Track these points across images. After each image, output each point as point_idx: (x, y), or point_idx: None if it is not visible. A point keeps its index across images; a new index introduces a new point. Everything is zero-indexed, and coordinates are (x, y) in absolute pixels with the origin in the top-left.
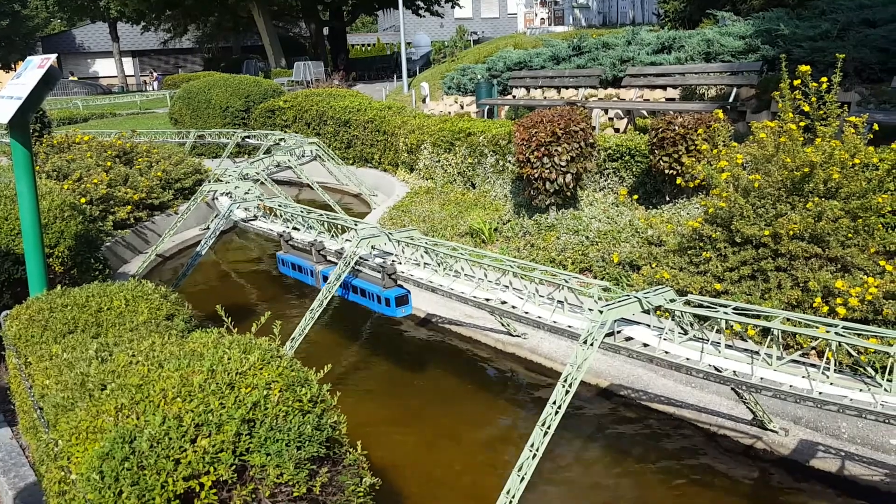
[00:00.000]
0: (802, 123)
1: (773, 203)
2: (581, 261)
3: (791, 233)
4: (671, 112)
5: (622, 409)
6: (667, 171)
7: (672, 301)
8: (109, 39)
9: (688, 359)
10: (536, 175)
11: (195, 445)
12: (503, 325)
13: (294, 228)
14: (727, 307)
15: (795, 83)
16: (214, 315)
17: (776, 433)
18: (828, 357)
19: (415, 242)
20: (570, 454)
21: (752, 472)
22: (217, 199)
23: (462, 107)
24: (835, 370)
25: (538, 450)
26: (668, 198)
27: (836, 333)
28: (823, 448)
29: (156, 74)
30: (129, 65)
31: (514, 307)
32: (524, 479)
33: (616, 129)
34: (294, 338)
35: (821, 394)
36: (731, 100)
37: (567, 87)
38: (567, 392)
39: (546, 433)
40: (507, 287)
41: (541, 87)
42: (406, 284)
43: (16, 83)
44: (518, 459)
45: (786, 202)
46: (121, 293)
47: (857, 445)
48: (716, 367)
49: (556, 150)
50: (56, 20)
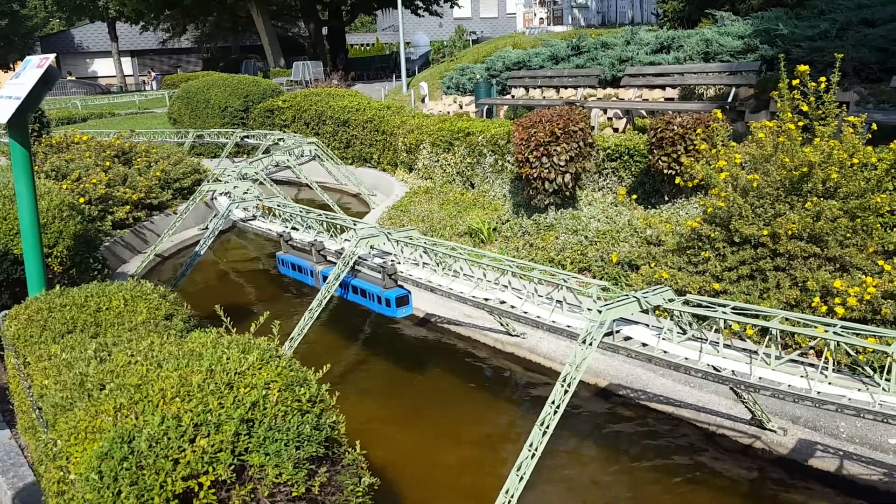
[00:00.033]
0: (801, 123)
1: (772, 203)
2: (580, 260)
3: (790, 232)
4: (670, 112)
5: (621, 409)
6: (665, 171)
7: (671, 301)
8: (108, 39)
9: (686, 358)
10: (535, 175)
11: (194, 445)
12: (502, 325)
13: (293, 228)
14: (726, 307)
15: (794, 83)
16: (213, 315)
17: (775, 432)
18: (826, 357)
19: (414, 242)
20: (569, 453)
21: (751, 472)
22: (216, 199)
23: (461, 106)
24: (833, 370)
25: (537, 449)
26: (667, 197)
27: (835, 333)
28: (822, 447)
29: (154, 74)
30: (128, 64)
31: (513, 307)
32: (523, 479)
33: (615, 129)
34: (293, 338)
35: (819, 393)
36: (730, 100)
37: (566, 87)
38: (566, 392)
39: (545, 433)
40: (506, 287)
41: (540, 87)
42: (405, 284)
43: (14, 83)
44: (517, 459)
45: (784, 202)
46: (119, 293)
47: (856, 445)
48: (714, 367)
49: (555, 150)
50: (55, 20)
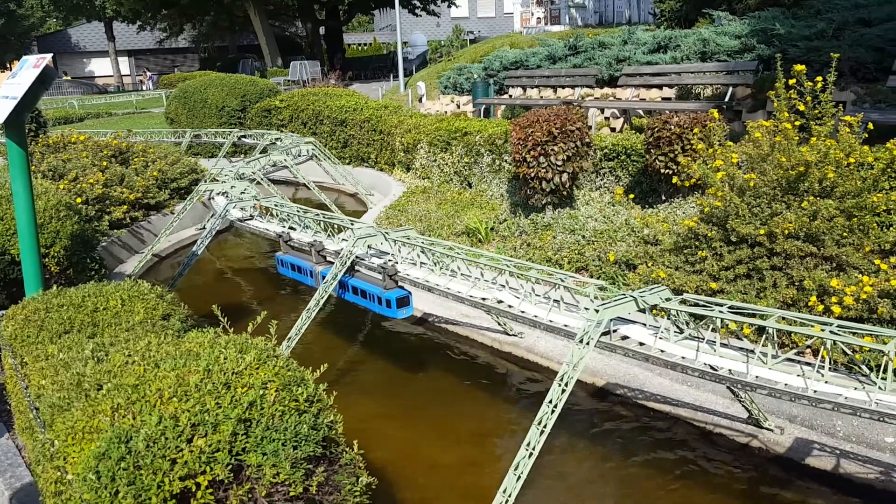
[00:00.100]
0: (798, 123)
1: (769, 202)
2: (577, 260)
3: (786, 232)
4: (667, 111)
5: (618, 408)
6: (663, 171)
7: (668, 300)
8: (105, 39)
9: (683, 357)
10: (533, 174)
11: (191, 445)
12: (500, 325)
13: (290, 228)
14: (723, 306)
15: (791, 82)
16: (211, 315)
17: (772, 431)
18: (823, 355)
19: (411, 242)
20: (567, 453)
21: (748, 470)
22: (213, 199)
23: (458, 106)
24: (830, 368)
25: (535, 448)
26: (664, 197)
27: (831, 332)
28: (819, 446)
29: (149, 74)
30: (125, 64)
31: (511, 306)
32: (521, 478)
33: (612, 129)
34: (290, 337)
35: (816, 392)
36: (727, 99)
37: (563, 87)
38: (563, 391)
39: (542, 432)
40: (504, 286)
41: (537, 87)
42: (403, 284)
43: (11, 83)
44: (515, 458)
45: (781, 201)
46: (117, 293)
47: (853, 443)
48: (711, 366)
49: (553, 150)
50: (52, 19)
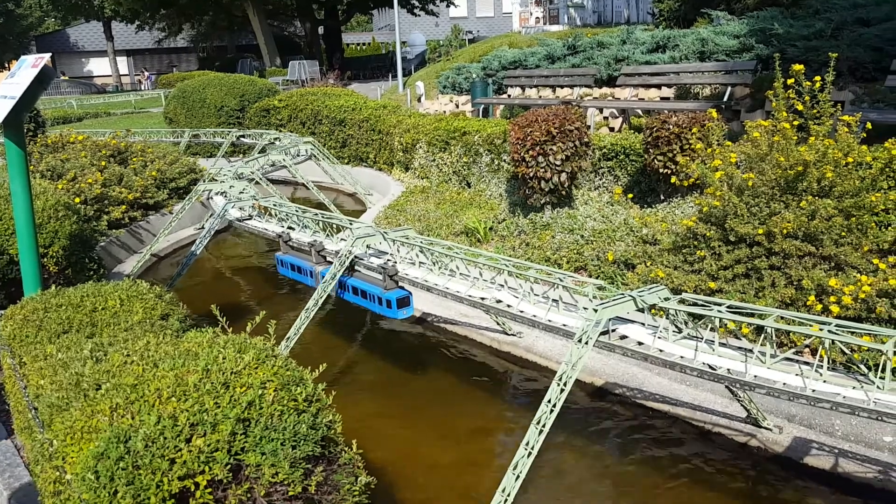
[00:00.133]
0: (796, 122)
1: (767, 202)
2: (576, 259)
3: (785, 231)
4: (666, 111)
5: (617, 408)
6: (661, 170)
7: (666, 299)
8: (104, 38)
9: (682, 357)
10: (531, 174)
11: (190, 445)
12: (498, 324)
13: (289, 228)
14: (721, 305)
15: (789, 82)
16: (209, 314)
17: (770, 431)
18: (821, 355)
19: (410, 241)
20: (566, 452)
21: (747, 470)
22: (212, 199)
23: (457, 106)
24: (828, 368)
25: (533, 448)
26: (663, 197)
27: (830, 331)
28: (817, 445)
29: (147, 73)
30: (124, 64)
31: (510, 306)
32: (519, 478)
33: (611, 129)
34: (289, 337)
35: (814, 391)
36: (726, 99)
37: (562, 87)
38: (562, 390)
39: (541, 431)
40: (503, 286)
41: (536, 87)
42: (401, 283)
43: (10, 82)
44: (514, 458)
45: (779, 201)
46: (115, 293)
47: (851, 443)
48: (710, 365)
49: (551, 150)
50: (50, 19)
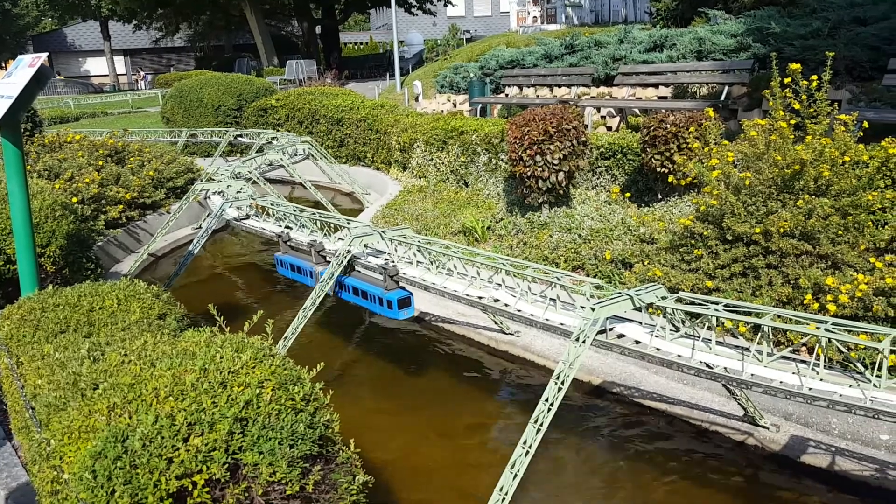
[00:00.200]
0: (793, 121)
1: (764, 201)
2: (573, 259)
3: (782, 230)
4: (663, 110)
5: (614, 406)
6: (659, 170)
7: (664, 298)
8: (101, 38)
9: (679, 356)
10: (529, 173)
11: (188, 444)
12: (496, 323)
13: (287, 227)
14: (718, 304)
15: (786, 81)
16: (207, 314)
17: (767, 429)
18: (818, 353)
19: (407, 241)
20: (563, 451)
21: (744, 468)
22: (209, 198)
23: (455, 105)
24: (825, 366)
25: (531, 447)
26: (660, 196)
27: (826, 330)
28: (814, 444)
29: (143, 73)
30: (121, 63)
31: (507, 305)
32: (517, 476)
33: (608, 128)
34: (287, 336)
35: (811, 390)
36: (723, 98)
37: (559, 86)
38: (559, 389)
39: (539, 430)
40: (500, 285)
41: (533, 86)
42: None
43: (7, 82)
44: (511, 457)
45: (776, 200)
46: (113, 292)
47: (848, 441)
48: (707, 364)
49: (549, 149)
50: (47, 19)
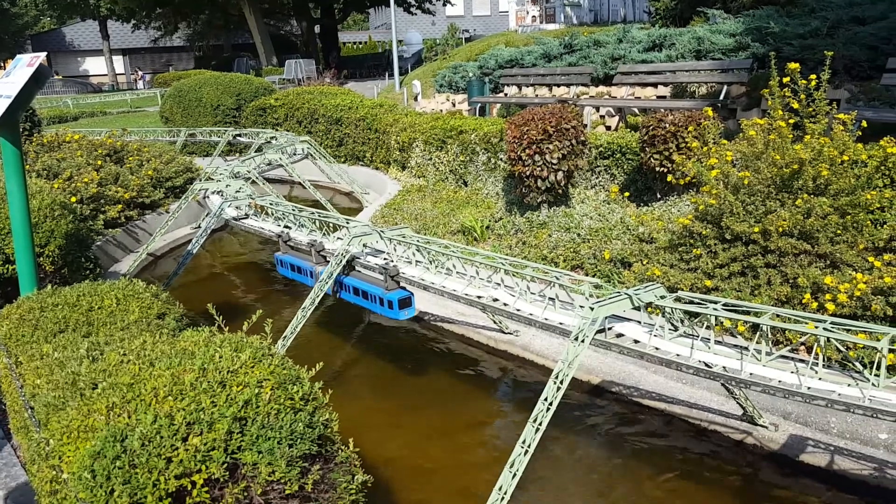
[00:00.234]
0: (792, 121)
1: (763, 200)
2: (572, 258)
3: (780, 229)
4: (662, 110)
5: (613, 406)
6: (657, 169)
7: (662, 297)
8: (100, 37)
9: (678, 355)
10: (528, 173)
11: (187, 444)
12: (495, 323)
13: (286, 227)
14: (717, 303)
15: (785, 81)
16: (206, 313)
17: (766, 428)
18: (817, 352)
19: (406, 240)
20: (562, 450)
21: (743, 467)
22: (208, 198)
23: (454, 104)
24: (824, 365)
25: (530, 446)
26: (659, 195)
27: (825, 329)
28: (813, 443)
29: (141, 73)
30: (120, 63)
31: (506, 304)
32: (516, 476)
33: (607, 127)
34: (286, 336)
35: (809, 389)
36: (722, 97)
37: (558, 85)
38: (558, 388)
39: (538, 429)
40: (499, 284)
41: (532, 85)
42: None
43: (5, 82)
44: (510, 456)
45: (775, 199)
46: (112, 292)
47: (847, 440)
48: (706, 363)
49: (548, 148)
50: (45, 18)
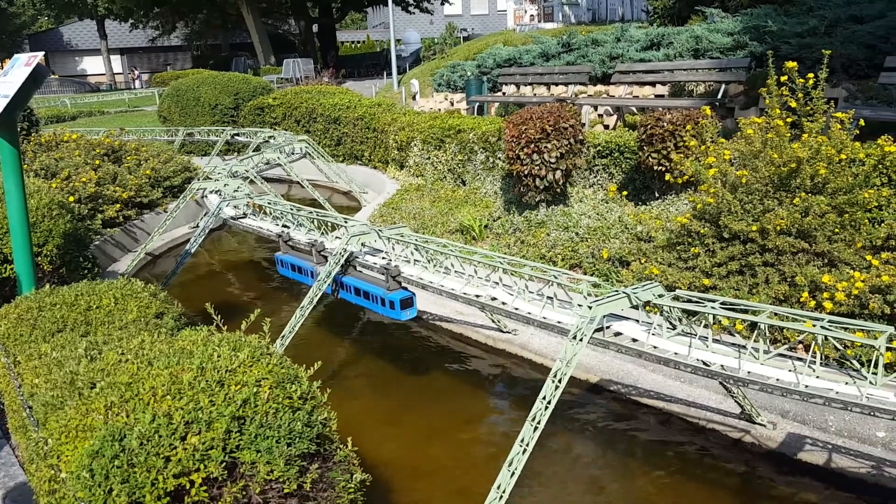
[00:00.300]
0: (790, 119)
1: (761, 199)
2: (571, 257)
3: (778, 228)
4: (660, 108)
5: (612, 404)
6: (655, 168)
7: (660, 296)
8: (97, 37)
9: (676, 353)
10: (526, 172)
11: (185, 443)
12: (493, 322)
13: (284, 226)
14: (715, 302)
15: (783, 79)
16: (204, 313)
17: (764, 427)
18: (814, 351)
19: (405, 239)
20: (561, 449)
21: (741, 466)
22: (206, 197)
23: (452, 104)
24: (821, 364)
25: (528, 445)
26: (657, 194)
27: (823, 327)
28: (811, 441)
29: (137, 72)
30: (118, 63)
31: (505, 303)
32: (514, 474)
33: (605, 126)
34: (284, 335)
35: (807, 387)
36: (720, 96)
37: (557, 84)
38: (557, 387)
39: (536, 428)
40: (498, 283)
41: (530, 84)
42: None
43: (3, 81)
44: (508, 454)
45: (773, 198)
46: (110, 292)
47: (844, 438)
48: (704, 362)
49: (546, 147)
50: (43, 18)
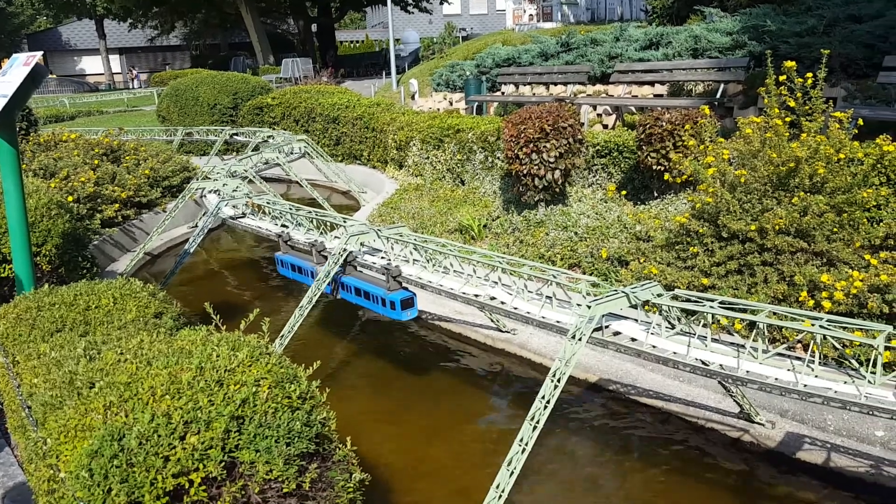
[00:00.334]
0: (788, 119)
1: (759, 198)
2: (570, 256)
3: (777, 227)
4: (659, 108)
5: (611, 404)
6: (654, 167)
7: (659, 296)
8: (96, 37)
9: (675, 353)
10: (525, 171)
11: (184, 442)
12: (493, 321)
13: (283, 226)
14: (714, 301)
15: (781, 79)
16: (203, 313)
17: (763, 426)
18: (813, 350)
19: (404, 239)
20: (560, 448)
21: (740, 465)
22: (205, 197)
23: (451, 103)
24: (820, 363)
25: (527, 444)
26: (656, 193)
27: (821, 327)
28: (810, 440)
29: (135, 72)
30: (116, 62)
31: (504, 303)
32: (513, 474)
33: (604, 126)
34: (283, 335)
35: (806, 386)
36: (719, 96)
37: (556, 84)
38: (556, 387)
39: (535, 427)
40: (497, 283)
41: (529, 84)
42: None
43: (1, 81)
44: (507, 454)
45: (772, 197)
46: (109, 291)
47: (843, 437)
48: (702, 361)
49: (545, 147)
50: (42, 17)
